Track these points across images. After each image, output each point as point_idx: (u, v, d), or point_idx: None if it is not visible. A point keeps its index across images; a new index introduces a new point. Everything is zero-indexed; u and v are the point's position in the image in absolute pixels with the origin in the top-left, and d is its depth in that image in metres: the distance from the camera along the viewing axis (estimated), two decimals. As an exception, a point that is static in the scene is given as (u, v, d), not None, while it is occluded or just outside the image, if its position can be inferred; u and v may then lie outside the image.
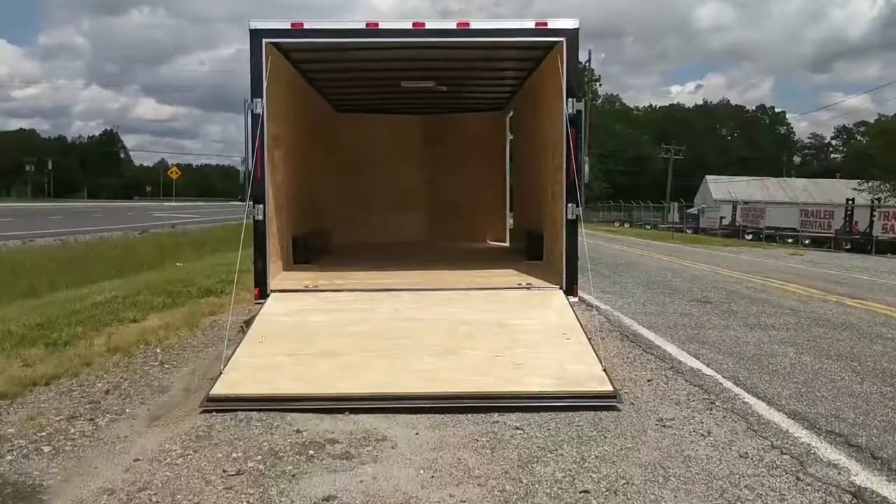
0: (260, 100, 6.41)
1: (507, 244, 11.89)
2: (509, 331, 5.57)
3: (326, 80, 9.74)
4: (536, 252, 8.11)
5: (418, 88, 9.95)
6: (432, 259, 9.06)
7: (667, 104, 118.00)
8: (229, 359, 5.07)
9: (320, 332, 5.55)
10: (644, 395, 4.90)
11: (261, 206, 6.44)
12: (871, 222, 29.53)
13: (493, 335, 5.48)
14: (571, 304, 6.23)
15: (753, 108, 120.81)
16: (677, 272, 14.88)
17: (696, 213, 51.53)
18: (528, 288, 6.57)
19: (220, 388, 4.68)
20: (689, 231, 48.28)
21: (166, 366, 5.83)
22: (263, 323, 5.74)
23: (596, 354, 5.11)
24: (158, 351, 6.32)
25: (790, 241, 36.49)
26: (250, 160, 6.40)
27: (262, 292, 6.41)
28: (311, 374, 4.87)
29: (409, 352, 5.18)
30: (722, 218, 44.17)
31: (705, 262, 17.94)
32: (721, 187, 75.94)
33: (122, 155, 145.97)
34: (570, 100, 6.48)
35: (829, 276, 14.82)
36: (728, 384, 5.28)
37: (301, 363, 5.03)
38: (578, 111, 6.48)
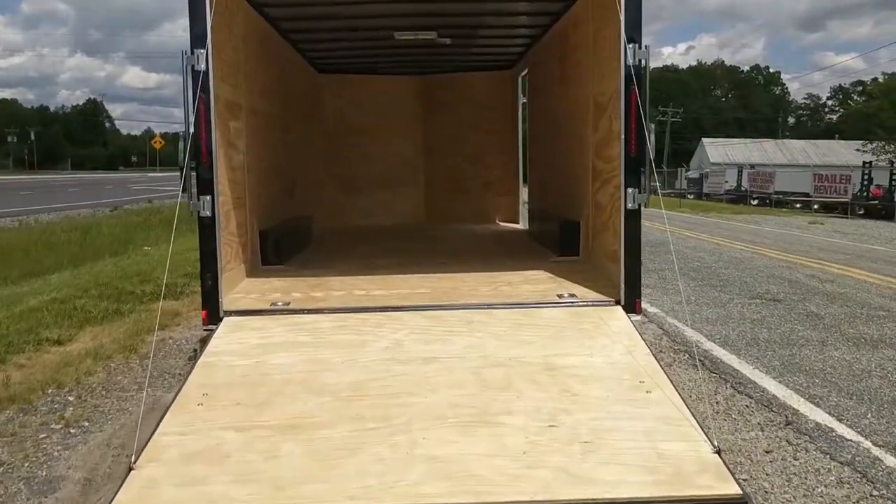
0: (203, 52, 4.64)
1: (520, 226, 10.15)
2: (560, 377, 3.88)
3: (304, 34, 7.93)
4: (570, 245, 6.38)
5: (416, 42, 8.15)
6: (437, 251, 7.34)
7: (660, 65, 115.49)
8: (151, 437, 3.36)
9: (287, 385, 3.83)
10: (775, 487, 3.26)
11: (208, 197, 4.69)
12: (893, 187, 27.89)
13: (538, 386, 3.78)
14: (636, 327, 4.54)
15: (747, 68, 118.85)
16: (713, 253, 13.22)
17: (697, 177, 49.80)
18: (573, 304, 4.85)
19: (124, 499, 2.98)
20: (690, 196, 46.64)
21: (73, 429, 4.17)
22: (208, 369, 4.02)
23: (699, 423, 3.43)
24: (71, 399, 4.65)
25: (798, 206, 34.95)
26: (191, 134, 4.64)
27: (213, 315, 4.69)
28: (268, 471, 3.16)
29: (418, 421, 3.48)
30: (726, 182, 42.48)
31: (734, 238, 16.31)
32: (718, 150, 74.24)
33: (107, 124, 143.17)
34: (630, 47, 4.71)
35: (888, 256, 13.11)
36: (891, 460, 3.62)
37: (255, 447, 3.32)
38: (643, 63, 4.73)
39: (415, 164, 10.92)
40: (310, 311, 4.75)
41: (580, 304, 4.83)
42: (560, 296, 4.97)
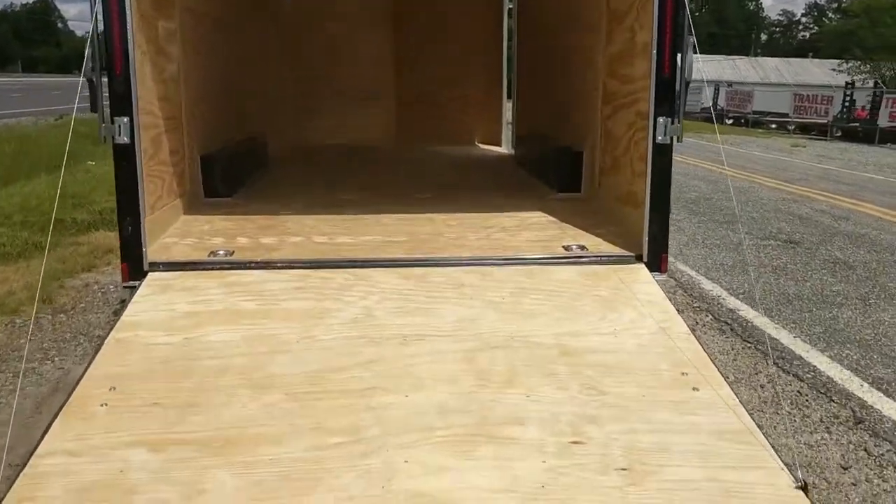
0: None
1: (503, 149, 9.15)
2: (579, 366, 3.01)
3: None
4: (570, 180, 5.43)
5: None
6: (413, 182, 6.35)
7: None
8: (28, 461, 2.45)
9: (224, 375, 2.91)
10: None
11: (125, 119, 3.65)
12: (875, 109, 27.13)
13: (553, 380, 2.91)
14: (664, 290, 3.67)
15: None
16: (707, 181, 12.37)
17: (672, 94, 48.63)
18: (585, 260, 3.94)
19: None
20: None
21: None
22: (120, 349, 3.08)
23: (767, 440, 2.59)
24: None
25: (773, 126, 34.23)
26: (99, 36, 3.57)
27: (134, 269, 3.72)
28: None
29: (397, 433, 2.60)
30: (701, 102, 41.42)
31: (723, 163, 15.45)
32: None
33: (59, 24, 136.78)
34: (668, -65, 3.71)
35: (891, 187, 12.29)
36: None
37: (173, 476, 2.41)
38: (684, -47, 3.72)
39: (385, 77, 9.77)
40: (258, 266, 3.79)
41: (594, 259, 3.93)
42: (567, 248, 4.06)
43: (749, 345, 3.93)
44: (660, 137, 3.81)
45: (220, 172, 5.26)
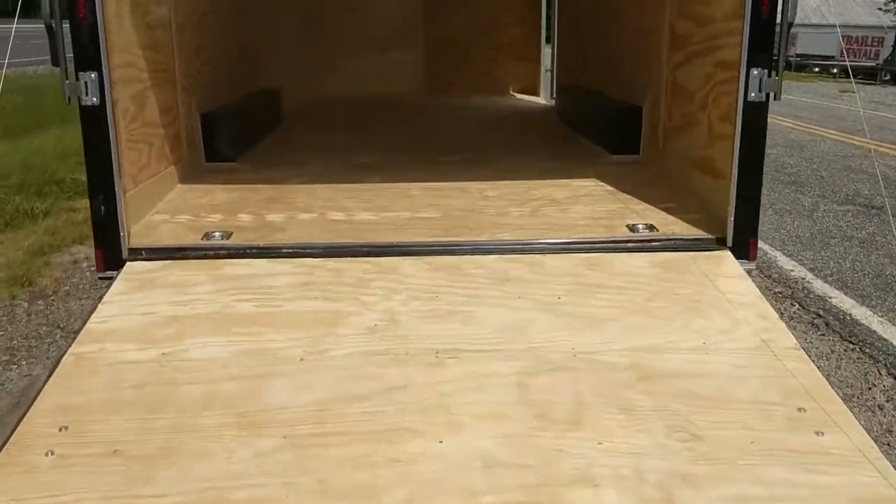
0: None
1: (542, 100, 8.36)
2: (663, 396, 2.32)
3: None
4: (628, 140, 4.68)
5: None
6: (444, 141, 5.61)
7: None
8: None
9: (208, 408, 2.27)
10: None
11: (92, 74, 2.98)
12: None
13: (632, 416, 2.24)
14: (754, 282, 2.97)
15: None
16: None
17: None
18: (656, 244, 3.23)
19: None
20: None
21: None
22: (81, 367, 2.45)
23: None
24: None
25: (816, 70, 32.83)
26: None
27: (111, 257, 3.09)
28: None
29: (424, 500, 1.96)
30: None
31: (772, 111, 14.41)
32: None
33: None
34: None
35: None
36: None
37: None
38: None
39: (412, 22, 8.96)
40: (259, 253, 3.13)
41: (667, 243, 3.22)
42: (632, 227, 3.35)
43: (852, 346, 3.24)
44: (753, 94, 3.07)
45: (224, 133, 4.58)
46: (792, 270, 4.49)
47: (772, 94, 3.09)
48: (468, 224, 3.45)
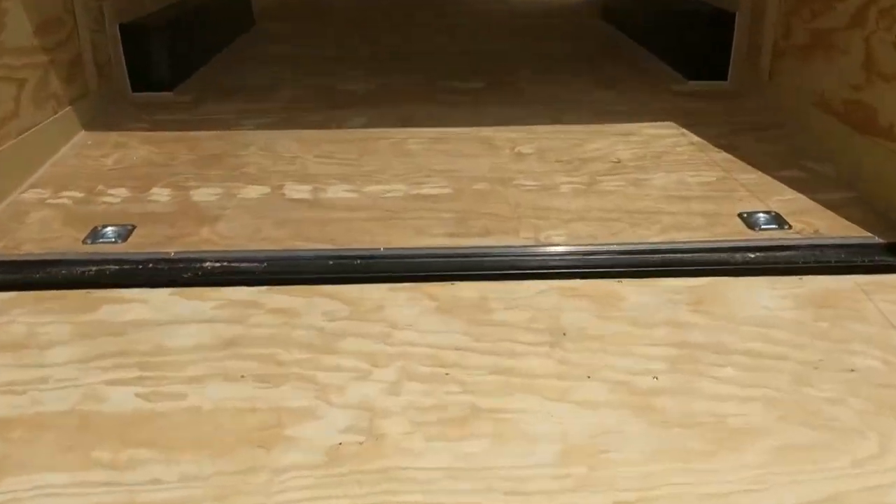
0: None
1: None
2: None
3: None
4: (711, 60, 3.39)
5: None
6: (453, 55, 4.29)
7: None
8: None
9: None
10: None
11: None
12: None
13: None
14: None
15: None
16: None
17: None
18: (791, 252, 2.04)
19: None
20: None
21: None
22: None
23: None
24: None
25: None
26: None
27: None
28: None
29: None
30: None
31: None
32: None
33: None
34: None
35: None
36: None
37: None
38: None
39: None
40: (166, 272, 1.98)
41: (808, 252, 2.03)
42: (748, 219, 2.17)
43: None
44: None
45: (158, 49, 3.33)
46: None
47: None
48: (494, 209, 2.27)
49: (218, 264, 1.98)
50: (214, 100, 3.29)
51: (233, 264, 1.98)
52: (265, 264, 1.98)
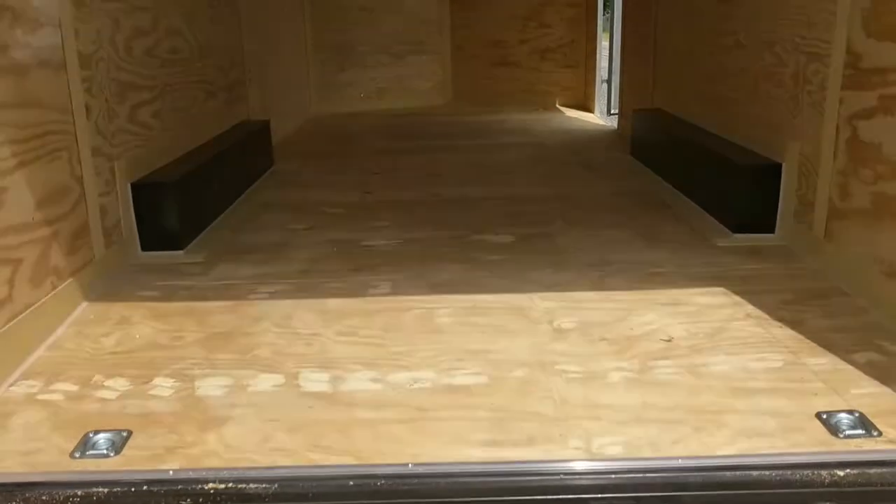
0: None
1: (597, 118, 6.86)
2: None
3: None
4: (756, 213, 3.18)
5: None
6: (481, 200, 4.11)
7: None
8: None
9: None
10: None
11: None
12: None
13: None
14: None
15: None
16: None
17: None
18: (885, 471, 1.75)
19: None
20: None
21: None
22: None
23: None
24: None
25: None
26: None
27: None
28: None
29: None
30: None
31: None
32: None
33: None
34: None
35: None
36: None
37: None
38: None
39: (438, 21, 7.51)
40: (167, 495, 1.71)
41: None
42: (829, 422, 1.88)
43: None
44: None
45: (168, 208, 3.17)
46: None
47: None
48: (537, 406, 2.00)
49: (222, 486, 1.71)
50: (227, 260, 3.10)
51: (239, 486, 1.71)
52: (276, 486, 1.71)
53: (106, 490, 1.71)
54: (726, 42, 3.73)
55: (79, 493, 1.70)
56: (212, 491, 1.70)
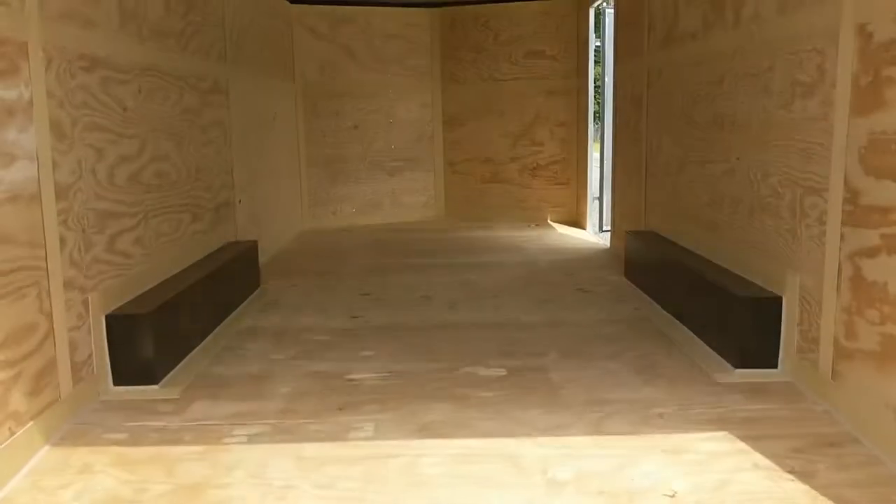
0: None
1: (589, 235, 6.82)
2: None
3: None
4: (757, 347, 3.06)
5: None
6: (472, 320, 4.01)
7: None
8: None
9: None
10: None
11: None
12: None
13: None
14: None
15: None
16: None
17: None
18: None
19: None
20: None
21: None
22: None
23: None
24: None
25: None
26: None
27: None
28: None
29: None
30: None
31: None
32: None
33: None
34: None
35: None
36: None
37: None
38: None
39: (431, 138, 7.60)
40: None
41: None
42: None
43: None
44: None
45: (144, 340, 3.01)
46: None
47: None
48: None
49: None
50: (203, 396, 2.93)
51: None
52: None
53: None
54: (719, 168, 3.69)
55: None
56: None
